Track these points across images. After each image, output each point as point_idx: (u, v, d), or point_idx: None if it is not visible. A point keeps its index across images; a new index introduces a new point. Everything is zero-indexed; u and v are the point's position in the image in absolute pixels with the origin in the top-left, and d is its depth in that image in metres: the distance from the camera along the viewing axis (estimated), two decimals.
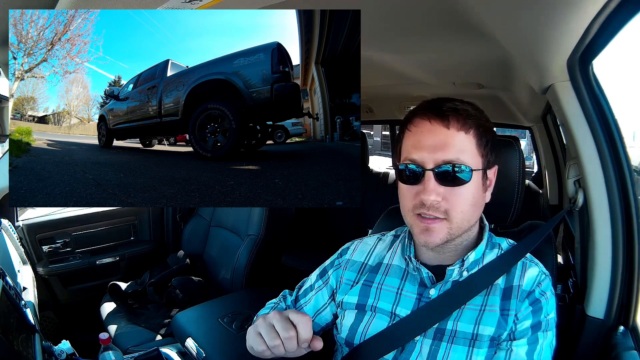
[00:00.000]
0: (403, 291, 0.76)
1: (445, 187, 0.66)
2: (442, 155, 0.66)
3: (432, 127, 0.68)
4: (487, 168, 0.71)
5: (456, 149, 0.66)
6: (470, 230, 0.73)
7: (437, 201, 0.66)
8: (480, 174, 0.69)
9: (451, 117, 0.67)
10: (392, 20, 0.91)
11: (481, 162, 0.69)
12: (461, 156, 0.66)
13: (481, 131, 0.69)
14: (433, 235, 0.68)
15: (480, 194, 0.71)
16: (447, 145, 0.66)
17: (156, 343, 1.40)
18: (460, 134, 0.67)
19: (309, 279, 0.90)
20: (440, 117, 0.67)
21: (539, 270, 0.72)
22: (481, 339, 0.67)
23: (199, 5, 0.59)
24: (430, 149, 0.67)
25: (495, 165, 0.74)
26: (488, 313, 0.69)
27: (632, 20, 0.64)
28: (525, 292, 0.69)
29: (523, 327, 0.67)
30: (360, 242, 0.88)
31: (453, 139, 0.67)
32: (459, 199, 0.67)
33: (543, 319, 0.68)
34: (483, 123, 0.70)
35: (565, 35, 0.71)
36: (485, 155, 0.70)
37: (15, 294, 0.94)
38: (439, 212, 0.67)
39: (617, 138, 0.80)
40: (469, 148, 0.68)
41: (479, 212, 0.72)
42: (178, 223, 2.12)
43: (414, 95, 1.90)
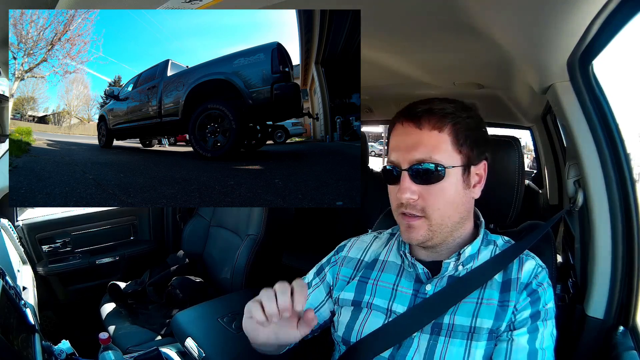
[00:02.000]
0: (399, 287, 0.76)
1: (420, 186, 0.69)
2: (415, 155, 0.68)
3: (405, 129, 0.71)
4: (469, 165, 0.71)
5: (428, 148, 0.68)
6: (461, 228, 0.74)
7: (412, 199, 0.69)
8: (459, 171, 0.70)
9: (423, 118, 0.69)
10: (392, 20, 0.91)
11: (459, 159, 0.70)
12: (434, 155, 0.68)
13: (458, 128, 0.69)
14: (414, 232, 0.71)
15: (461, 191, 0.71)
16: (419, 145, 0.68)
17: (156, 343, 1.40)
18: (433, 133, 0.69)
19: (306, 277, 0.90)
20: (412, 119, 0.70)
21: (536, 264, 0.73)
22: (479, 332, 0.68)
23: (199, 5, 0.59)
24: (404, 150, 0.70)
25: (483, 161, 0.74)
26: (485, 306, 0.70)
27: (632, 20, 0.64)
28: (523, 285, 0.70)
29: (522, 317, 0.68)
30: (356, 240, 0.88)
31: (425, 138, 0.69)
32: (434, 197, 0.69)
33: (542, 309, 0.69)
34: (461, 120, 0.70)
35: (565, 35, 0.72)
36: (464, 152, 0.70)
37: (15, 294, 0.94)
38: (416, 210, 0.69)
39: (617, 138, 0.80)
40: (443, 146, 0.69)
41: (462, 208, 0.72)
42: (178, 223, 2.12)
43: (414, 95, 1.90)
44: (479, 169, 0.73)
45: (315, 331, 0.87)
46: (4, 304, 0.82)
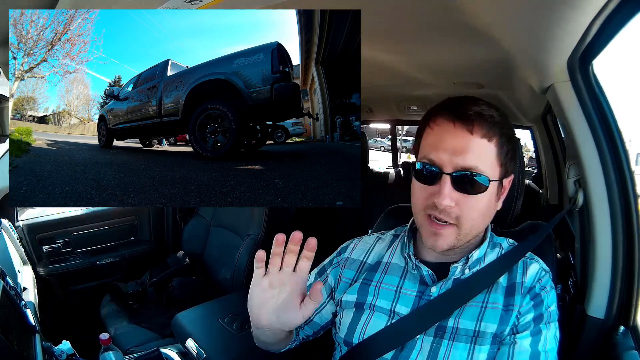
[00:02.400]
0: (402, 289, 0.76)
1: (460, 194, 0.65)
2: (461, 161, 0.64)
3: (454, 129, 0.66)
4: (504, 177, 0.70)
5: (476, 156, 0.65)
6: (476, 237, 0.73)
7: (450, 206, 0.65)
8: (497, 184, 0.69)
9: (476, 123, 0.65)
10: (392, 20, 0.91)
11: (499, 172, 0.68)
12: (480, 164, 0.65)
13: (503, 140, 0.67)
14: (440, 240, 0.68)
15: (493, 203, 0.70)
16: (467, 151, 0.65)
17: (156, 343, 1.40)
18: (483, 142, 0.65)
19: (308, 278, 0.90)
20: (465, 121, 0.65)
21: (539, 267, 0.73)
22: (483, 336, 0.67)
23: (199, 5, 0.59)
24: (450, 152, 0.65)
25: (512, 175, 0.73)
26: (490, 310, 0.69)
27: (632, 20, 0.64)
28: (527, 288, 0.70)
29: (525, 321, 0.68)
30: (359, 241, 0.87)
31: (475, 145, 0.65)
32: (471, 207, 0.66)
33: (544, 311, 0.68)
34: (506, 132, 0.68)
35: (565, 35, 0.71)
36: (504, 164, 0.68)
37: (16, 294, 0.94)
38: (450, 218, 0.67)
39: (617, 138, 0.80)
40: (489, 157, 0.66)
41: (488, 220, 0.72)
42: (178, 223, 2.12)
43: (414, 95, 1.90)
44: (507, 181, 0.72)
45: (316, 332, 0.87)
46: (5, 304, 0.82)
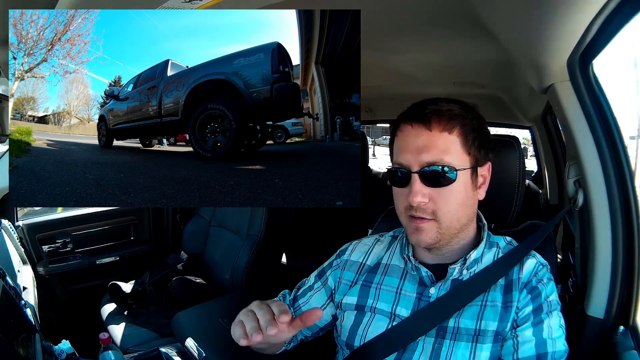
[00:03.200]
0: (402, 291, 0.76)
1: (431, 188, 0.67)
2: (425, 157, 0.67)
3: (414, 130, 0.69)
4: (476, 166, 0.71)
5: (439, 150, 0.67)
6: (466, 230, 0.73)
7: (423, 202, 0.67)
8: (468, 172, 0.69)
9: (433, 119, 0.68)
10: (392, 20, 0.91)
11: (468, 160, 0.69)
12: (445, 157, 0.67)
13: (466, 129, 0.69)
14: (422, 235, 0.69)
15: (470, 193, 0.71)
16: (430, 147, 0.67)
17: (156, 343, 1.40)
18: (444, 135, 0.68)
19: (308, 280, 0.90)
20: (422, 120, 0.68)
21: (536, 262, 0.73)
22: (484, 334, 0.68)
23: (199, 5, 0.59)
24: (414, 152, 0.68)
25: (488, 162, 0.74)
26: (490, 308, 0.69)
27: (632, 20, 0.64)
28: (523, 283, 0.70)
29: (524, 314, 0.68)
30: (358, 243, 0.88)
31: (436, 140, 0.67)
32: (445, 200, 0.68)
33: (544, 302, 0.68)
34: (469, 122, 0.69)
35: (565, 35, 0.72)
36: (472, 153, 0.70)
37: (16, 294, 0.94)
38: (426, 213, 0.68)
39: (617, 138, 0.80)
40: (453, 148, 0.68)
41: (470, 210, 0.73)
42: (178, 223, 2.12)
43: (414, 95, 1.90)
44: (484, 170, 0.73)
45: (315, 334, 0.87)
46: (4, 304, 0.82)
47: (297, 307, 0.87)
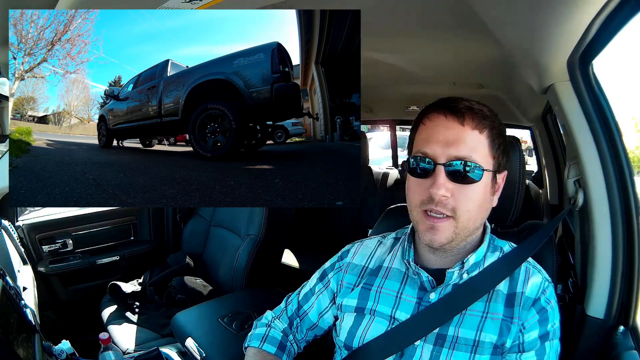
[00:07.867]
0: (403, 295, 0.75)
1: (455, 184, 0.66)
2: (454, 151, 0.65)
3: (447, 122, 0.67)
4: (497, 171, 0.70)
5: (469, 147, 0.66)
6: (474, 234, 0.72)
7: (445, 197, 0.65)
8: (490, 175, 0.69)
9: (467, 115, 0.67)
10: (392, 20, 0.91)
11: (492, 163, 0.69)
12: (473, 154, 0.66)
13: (494, 133, 0.69)
14: (438, 234, 0.67)
15: (488, 197, 0.70)
16: (460, 142, 0.66)
17: (156, 343, 1.40)
18: (474, 133, 0.67)
19: (308, 283, 0.90)
20: (456, 113, 0.67)
21: (543, 277, 0.72)
22: (483, 346, 0.67)
23: (199, 5, 0.59)
24: (443, 144, 0.66)
25: (505, 171, 0.73)
26: (490, 320, 0.69)
27: (632, 20, 0.64)
28: (530, 300, 0.69)
29: (531, 339, 0.67)
30: (360, 245, 0.87)
31: (467, 136, 0.66)
32: (467, 198, 0.66)
33: (550, 329, 0.68)
34: (497, 126, 0.69)
35: (565, 35, 0.72)
36: (496, 157, 0.69)
37: (16, 294, 0.94)
38: (446, 209, 0.66)
39: (617, 138, 0.80)
40: (481, 148, 0.67)
41: (484, 214, 0.72)
42: (178, 223, 2.12)
43: (414, 95, 1.91)
44: (501, 178, 0.73)
45: (318, 336, 0.88)
46: (4, 304, 0.82)
47: (303, 313, 0.87)
